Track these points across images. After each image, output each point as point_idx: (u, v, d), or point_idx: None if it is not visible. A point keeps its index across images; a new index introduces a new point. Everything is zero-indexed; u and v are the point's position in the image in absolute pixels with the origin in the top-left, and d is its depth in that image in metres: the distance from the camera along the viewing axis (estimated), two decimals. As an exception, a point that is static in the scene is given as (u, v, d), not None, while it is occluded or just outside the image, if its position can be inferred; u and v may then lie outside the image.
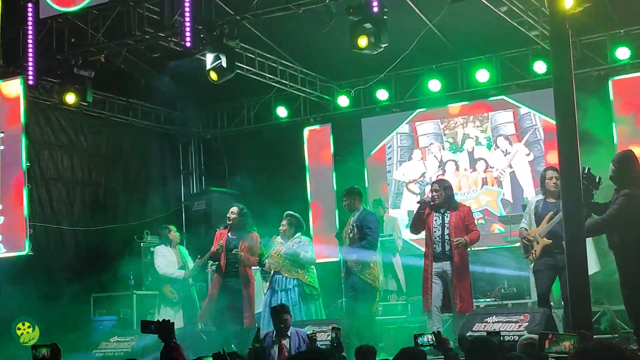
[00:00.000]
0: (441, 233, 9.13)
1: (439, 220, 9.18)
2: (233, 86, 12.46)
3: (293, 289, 9.94)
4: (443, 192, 9.22)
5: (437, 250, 9.14)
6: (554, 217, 8.54)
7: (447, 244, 9.09)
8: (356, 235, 9.70)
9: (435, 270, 9.15)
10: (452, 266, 9.05)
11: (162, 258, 11.08)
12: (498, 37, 12.20)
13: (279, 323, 8.14)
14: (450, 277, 9.07)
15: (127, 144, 14.60)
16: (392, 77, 13.59)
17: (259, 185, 13.89)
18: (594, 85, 12.05)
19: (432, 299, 9.13)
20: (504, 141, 13.15)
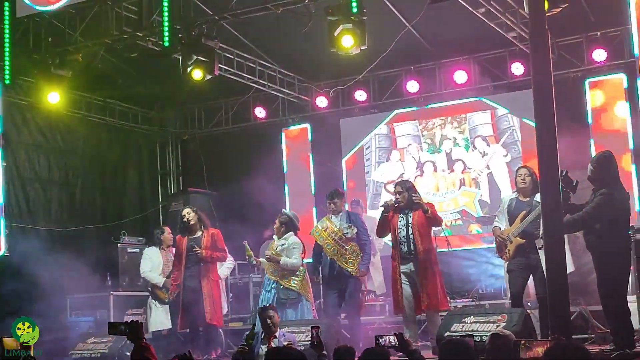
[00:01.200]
0: (406, 233, 9.15)
1: (403, 221, 9.20)
2: (211, 86, 12.43)
3: (271, 291, 9.95)
4: (406, 193, 9.24)
5: (404, 250, 9.15)
6: (526, 216, 8.60)
7: (413, 244, 9.10)
8: (353, 234, 9.73)
9: (403, 271, 9.16)
10: (419, 266, 9.04)
11: (148, 261, 11.04)
12: (476, 38, 12.26)
13: (265, 321, 8.15)
14: (417, 277, 9.07)
15: (104, 144, 14.51)
16: (370, 78, 13.61)
17: (237, 186, 13.87)
18: (570, 87, 12.11)
19: (404, 299, 9.13)
20: (482, 142, 13.21)
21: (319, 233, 9.94)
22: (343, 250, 9.75)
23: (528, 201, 8.69)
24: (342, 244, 9.77)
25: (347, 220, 9.90)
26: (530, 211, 8.59)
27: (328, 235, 9.85)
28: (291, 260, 9.84)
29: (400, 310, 9.26)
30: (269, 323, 8.16)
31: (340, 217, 9.96)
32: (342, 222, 9.89)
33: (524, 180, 8.75)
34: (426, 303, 9.02)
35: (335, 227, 9.87)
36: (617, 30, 11.99)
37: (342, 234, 9.79)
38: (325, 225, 9.97)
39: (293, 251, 9.90)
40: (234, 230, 11.57)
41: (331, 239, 9.82)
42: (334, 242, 9.81)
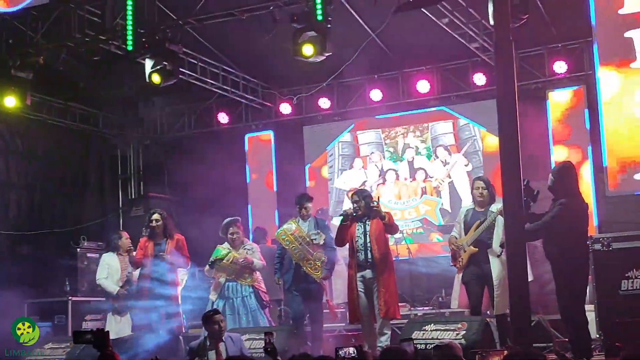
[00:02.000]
0: (363, 241, 9.15)
1: (361, 229, 9.21)
2: (174, 91, 12.39)
3: (249, 296, 9.93)
4: (363, 202, 9.25)
5: (360, 258, 9.14)
6: (480, 226, 8.69)
7: (370, 252, 9.10)
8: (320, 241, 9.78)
9: (359, 279, 9.16)
10: (376, 274, 9.05)
11: (105, 267, 10.92)
12: (439, 48, 12.35)
13: (212, 327, 8.12)
14: (374, 285, 9.08)
15: (65, 147, 14.34)
16: (334, 85, 13.65)
17: (199, 191, 13.82)
18: (531, 98, 12.23)
19: (360, 308, 9.14)
20: (444, 151, 13.30)
21: (285, 236, 9.91)
22: (309, 255, 9.75)
23: (483, 211, 8.84)
24: (309, 249, 9.77)
25: (315, 227, 9.90)
26: (484, 220, 8.70)
27: (295, 239, 9.83)
28: (260, 263, 9.99)
29: (357, 319, 9.26)
30: (218, 328, 8.13)
31: (309, 222, 9.95)
32: (310, 228, 9.89)
33: (481, 194, 8.91)
34: (383, 311, 9.01)
35: (304, 231, 9.86)
36: (577, 42, 12.15)
37: (309, 240, 9.79)
38: (291, 228, 9.94)
39: (256, 253, 10.06)
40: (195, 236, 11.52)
41: (297, 243, 9.81)
42: (300, 246, 9.80)
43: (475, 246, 8.73)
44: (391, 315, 9.07)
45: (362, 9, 11.52)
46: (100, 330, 5.82)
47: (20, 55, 10.98)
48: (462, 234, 8.96)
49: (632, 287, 8.17)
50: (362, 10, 11.54)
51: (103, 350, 5.74)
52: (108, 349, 5.74)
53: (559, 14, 11.55)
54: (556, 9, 11.39)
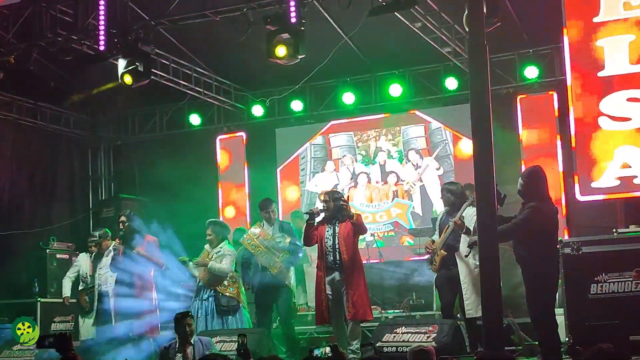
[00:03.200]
0: (332, 243, 9.15)
1: (330, 231, 9.21)
2: (146, 92, 12.32)
3: (208, 299, 9.89)
4: (332, 203, 9.25)
5: (329, 260, 9.14)
6: (447, 230, 8.77)
7: (338, 254, 9.09)
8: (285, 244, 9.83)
9: (327, 282, 9.15)
10: (345, 277, 9.04)
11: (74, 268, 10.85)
12: (411, 52, 12.41)
13: (182, 329, 8.08)
14: (343, 287, 9.07)
15: (34, 147, 14.22)
16: (307, 88, 13.66)
17: (170, 193, 13.76)
18: (502, 103, 12.32)
19: (329, 310, 9.14)
20: (415, 155, 13.36)
21: (250, 240, 9.94)
22: (276, 258, 9.76)
23: (454, 215, 8.86)
24: (275, 252, 9.79)
25: (279, 230, 9.93)
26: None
27: (260, 243, 9.85)
28: (219, 265, 9.82)
29: (324, 320, 9.25)
30: (188, 331, 8.08)
31: (274, 226, 9.97)
32: (275, 231, 9.91)
33: (447, 199, 9.07)
34: (351, 313, 9.01)
35: (269, 234, 9.88)
36: (548, 48, 12.28)
37: (274, 242, 9.81)
38: (256, 232, 9.97)
39: (225, 257, 9.90)
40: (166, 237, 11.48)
41: (263, 247, 9.84)
42: (266, 249, 9.82)
43: (445, 250, 8.82)
44: (360, 317, 9.06)
45: (336, 12, 11.53)
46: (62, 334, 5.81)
47: (-10, 55, 10.88)
48: (438, 237, 9.05)
49: (602, 291, 8.25)
50: (335, 13, 11.54)
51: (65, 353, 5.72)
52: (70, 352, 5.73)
53: (531, 20, 11.65)
54: (527, 14, 11.50)
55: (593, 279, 8.28)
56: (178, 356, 7.99)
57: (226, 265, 9.85)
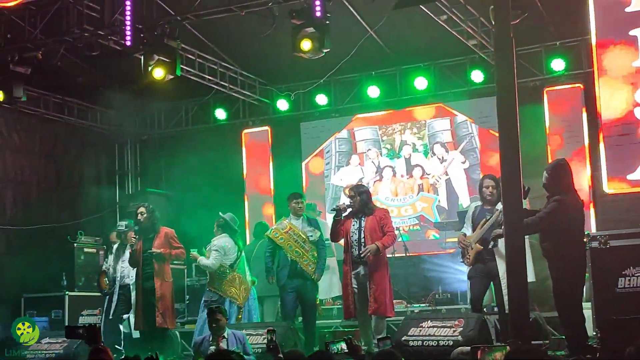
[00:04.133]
0: (358, 237, 9.13)
1: (356, 225, 9.19)
2: (172, 87, 12.37)
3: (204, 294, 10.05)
4: (359, 198, 9.23)
5: (354, 254, 9.13)
6: (485, 224, 8.70)
7: (363, 248, 9.08)
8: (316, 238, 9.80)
9: (353, 275, 9.14)
10: (370, 271, 9.03)
11: None
12: (437, 45, 12.37)
13: (211, 323, 8.22)
14: (367, 281, 9.05)
15: (62, 142, 14.35)
16: (331, 82, 13.65)
17: (195, 187, 13.84)
18: (529, 96, 12.24)
19: (355, 304, 9.13)
20: (441, 148, 13.31)
21: (279, 234, 9.92)
22: (305, 253, 9.78)
23: (490, 209, 8.80)
24: (305, 246, 9.79)
25: (308, 224, 9.92)
26: (490, 218, 8.71)
27: (289, 237, 9.84)
28: (205, 260, 9.89)
29: (351, 315, 9.26)
30: (215, 325, 8.24)
31: (302, 220, 9.97)
32: (304, 225, 9.91)
33: (491, 192, 8.80)
34: (373, 308, 9.00)
35: (297, 228, 9.88)
36: (575, 40, 12.18)
37: (305, 237, 9.81)
38: (285, 226, 9.96)
39: (212, 252, 9.95)
40: (192, 231, 11.56)
41: (293, 241, 9.83)
42: (296, 243, 9.81)
43: (481, 244, 8.73)
44: (381, 313, 9.03)
45: (361, 6, 11.53)
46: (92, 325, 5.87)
47: (18, 50, 10.98)
48: (471, 231, 8.97)
49: (629, 285, 8.16)
50: (360, 6, 11.56)
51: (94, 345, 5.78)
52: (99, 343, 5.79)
53: (557, 11, 11.56)
54: (554, 6, 11.41)
55: (621, 272, 8.19)
56: (211, 349, 8.07)
57: (210, 261, 9.88)
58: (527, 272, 6.85)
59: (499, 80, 6.85)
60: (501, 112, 6.74)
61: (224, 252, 9.94)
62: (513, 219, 6.58)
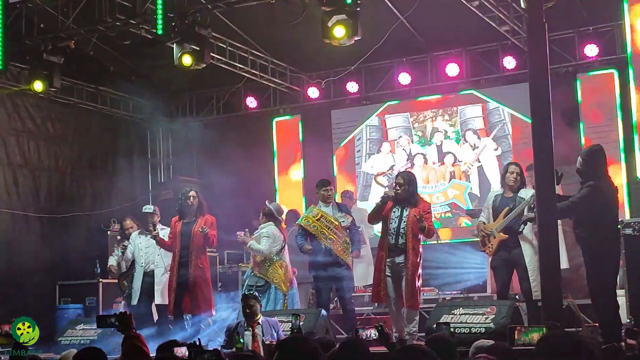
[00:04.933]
0: (397, 226, 9.03)
1: (397, 213, 9.05)
2: (203, 75, 12.42)
3: (246, 279, 10.04)
4: (407, 187, 9.12)
5: (391, 242, 9.02)
6: (510, 213, 8.65)
7: (402, 237, 8.96)
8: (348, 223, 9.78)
9: (388, 262, 9.08)
10: (405, 261, 8.94)
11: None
12: (468, 31, 12.28)
13: (245, 309, 8.25)
14: (403, 271, 8.97)
15: (95, 131, 14.47)
16: (362, 69, 13.62)
17: (227, 175, 13.87)
18: (561, 82, 12.14)
19: (387, 293, 9.10)
20: (473, 135, 13.25)
21: (310, 222, 9.91)
22: (338, 239, 9.75)
23: (512, 197, 8.77)
24: (338, 232, 9.77)
25: (339, 210, 9.90)
26: (514, 207, 8.68)
27: (321, 224, 9.82)
28: (257, 245, 9.87)
29: (379, 300, 9.21)
30: (248, 311, 8.25)
31: (332, 206, 9.95)
32: (334, 211, 9.89)
33: (515, 179, 8.79)
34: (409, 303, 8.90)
35: (329, 215, 9.85)
36: (609, 25, 12.05)
37: (338, 223, 9.78)
38: (315, 213, 9.95)
39: (262, 239, 9.92)
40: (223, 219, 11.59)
41: (325, 227, 9.80)
42: (328, 230, 9.79)
43: (505, 232, 8.70)
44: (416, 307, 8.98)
45: (392, -8, 11.50)
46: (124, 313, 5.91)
47: (51, 40, 11.07)
48: (491, 219, 8.91)
49: (664, 272, 8.12)
50: (391, -7, 11.51)
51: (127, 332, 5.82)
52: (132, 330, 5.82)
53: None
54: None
55: (655, 259, 8.16)
56: (246, 334, 8.10)
57: (264, 246, 9.88)
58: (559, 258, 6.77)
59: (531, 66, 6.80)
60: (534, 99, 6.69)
61: (273, 238, 9.97)
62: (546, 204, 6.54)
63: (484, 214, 9.11)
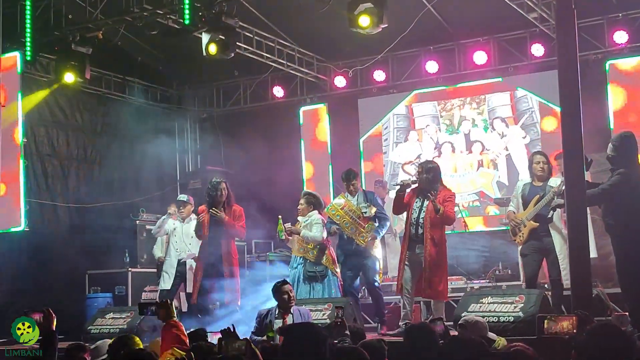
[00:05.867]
0: (417, 216, 9.00)
1: (419, 203, 9.03)
2: (230, 65, 12.44)
3: (297, 268, 9.96)
4: (425, 175, 9.04)
5: (412, 232, 9.01)
6: (540, 201, 8.60)
7: (421, 228, 8.93)
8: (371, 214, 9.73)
9: (408, 253, 9.06)
10: (425, 252, 8.89)
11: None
12: (496, 19, 12.20)
13: (282, 296, 8.12)
14: (423, 262, 8.91)
15: (123, 121, 14.54)
16: (389, 58, 13.57)
17: (254, 165, 13.92)
18: (590, 69, 12.03)
19: (403, 281, 9.09)
20: (501, 123, 13.16)
21: (335, 211, 9.89)
22: (361, 228, 9.72)
23: (542, 186, 8.74)
24: (360, 222, 9.74)
25: (364, 200, 9.86)
26: (544, 196, 8.64)
27: (345, 213, 9.81)
28: (311, 233, 9.83)
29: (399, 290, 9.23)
30: (287, 298, 8.08)
31: (357, 196, 9.92)
32: (359, 201, 9.86)
33: (542, 168, 8.78)
34: (426, 293, 8.94)
35: (353, 205, 9.83)
36: (638, 12, 11.92)
37: (360, 213, 9.76)
38: (341, 202, 9.93)
39: (314, 226, 9.84)
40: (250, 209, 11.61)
41: (348, 217, 9.80)
42: (351, 220, 9.78)
43: (536, 221, 8.65)
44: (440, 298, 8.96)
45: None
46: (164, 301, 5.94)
47: (79, 30, 11.16)
48: (520, 208, 8.87)
49: (695, 260, 8.01)
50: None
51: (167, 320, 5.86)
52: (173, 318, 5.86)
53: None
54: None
55: (686, 248, 8.05)
56: (277, 322, 8.07)
57: (317, 233, 9.83)
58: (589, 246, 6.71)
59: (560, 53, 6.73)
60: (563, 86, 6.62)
61: (322, 225, 9.97)
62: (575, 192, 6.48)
63: (512, 204, 9.08)
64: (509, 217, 9.00)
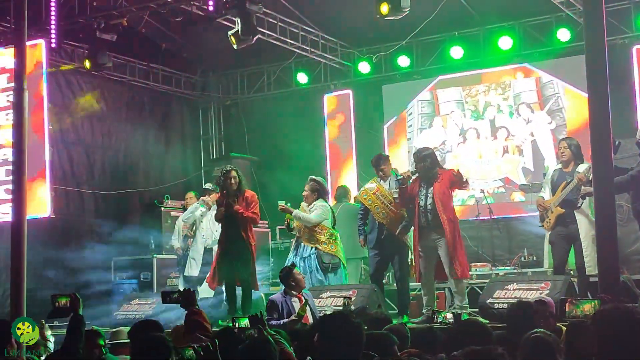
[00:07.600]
0: (424, 203, 8.95)
1: (424, 191, 8.98)
2: (254, 51, 12.42)
3: (310, 257, 9.94)
4: (422, 164, 8.98)
5: (422, 220, 8.95)
6: (567, 187, 8.55)
7: (430, 214, 8.88)
8: None
9: (421, 242, 9.01)
10: (442, 234, 8.82)
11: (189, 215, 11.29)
12: (521, 3, 12.13)
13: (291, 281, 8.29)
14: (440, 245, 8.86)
15: (148, 108, 14.60)
16: (413, 43, 13.49)
17: (278, 151, 13.92)
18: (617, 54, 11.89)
19: (419, 267, 9.05)
20: (526, 109, 13.06)
21: (367, 196, 9.79)
22: (392, 214, 9.62)
23: (570, 172, 8.70)
24: (392, 207, 9.63)
25: (396, 185, 9.73)
26: (570, 181, 8.57)
27: (377, 198, 9.70)
28: (306, 215, 9.83)
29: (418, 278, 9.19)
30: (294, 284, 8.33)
31: (389, 181, 9.82)
32: (391, 185, 9.75)
33: (563, 153, 8.78)
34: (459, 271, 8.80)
35: (385, 190, 9.73)
36: (667, -5, 11.77)
37: (392, 198, 9.65)
38: (373, 187, 9.83)
39: (316, 210, 9.87)
40: (275, 195, 11.63)
41: (380, 202, 9.69)
42: (382, 205, 9.68)
43: (562, 207, 8.61)
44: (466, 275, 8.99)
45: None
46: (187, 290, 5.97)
47: (104, 18, 11.18)
48: (550, 194, 8.83)
49: None
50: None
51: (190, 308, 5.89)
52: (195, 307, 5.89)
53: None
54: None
55: None
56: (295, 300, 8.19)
57: (314, 215, 9.82)
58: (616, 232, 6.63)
59: (587, 38, 6.63)
60: (590, 71, 6.52)
61: (324, 211, 9.95)
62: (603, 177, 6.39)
63: (544, 190, 9.04)
64: (538, 202, 8.98)
